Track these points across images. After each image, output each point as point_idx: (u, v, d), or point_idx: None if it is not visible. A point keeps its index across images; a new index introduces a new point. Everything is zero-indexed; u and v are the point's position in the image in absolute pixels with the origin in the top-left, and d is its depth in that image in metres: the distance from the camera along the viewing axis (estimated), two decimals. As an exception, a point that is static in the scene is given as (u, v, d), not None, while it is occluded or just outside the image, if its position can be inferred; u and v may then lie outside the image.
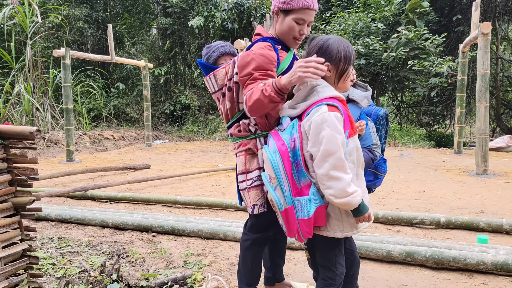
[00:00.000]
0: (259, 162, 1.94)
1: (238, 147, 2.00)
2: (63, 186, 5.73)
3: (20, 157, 2.00)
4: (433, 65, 9.61)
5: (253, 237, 2.08)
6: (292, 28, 1.86)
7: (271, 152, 1.70)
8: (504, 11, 11.52)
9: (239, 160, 2.00)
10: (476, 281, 2.51)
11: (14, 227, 1.99)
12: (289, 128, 1.72)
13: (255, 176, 1.94)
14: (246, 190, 1.96)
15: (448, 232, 3.46)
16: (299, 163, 1.70)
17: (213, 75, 2.04)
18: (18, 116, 10.90)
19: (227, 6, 12.75)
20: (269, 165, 1.70)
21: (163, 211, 4.40)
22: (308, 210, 1.67)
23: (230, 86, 1.96)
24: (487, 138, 6.16)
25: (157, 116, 15.10)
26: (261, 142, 1.95)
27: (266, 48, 1.85)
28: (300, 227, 1.70)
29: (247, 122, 1.96)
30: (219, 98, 2.05)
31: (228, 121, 2.05)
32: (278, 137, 1.73)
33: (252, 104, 1.74)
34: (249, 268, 2.12)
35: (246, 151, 1.96)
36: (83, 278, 2.56)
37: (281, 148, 1.68)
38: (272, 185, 1.71)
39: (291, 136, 1.70)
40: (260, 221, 2.05)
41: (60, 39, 13.78)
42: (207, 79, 2.07)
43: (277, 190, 1.70)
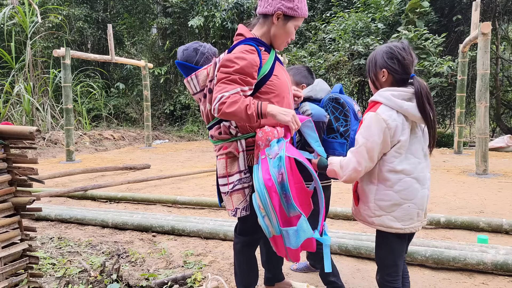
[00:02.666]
0: (240, 166, 1.91)
1: (219, 150, 1.97)
2: (63, 186, 5.73)
3: (20, 157, 2.00)
4: (433, 65, 9.61)
5: (243, 239, 2.08)
6: (290, 33, 1.91)
7: (259, 183, 1.70)
8: (504, 11, 11.52)
9: (219, 163, 1.96)
10: (476, 281, 2.51)
11: (14, 227, 1.99)
12: (277, 161, 1.71)
13: (236, 180, 1.90)
14: (228, 194, 1.93)
15: (448, 232, 3.46)
16: (288, 196, 1.69)
17: (194, 76, 1.99)
18: (18, 116, 10.90)
19: (227, 6, 12.75)
20: (257, 194, 1.70)
21: (163, 211, 4.40)
22: (295, 242, 1.69)
23: (210, 87, 1.93)
24: (487, 138, 6.16)
25: (157, 116, 15.11)
26: (241, 145, 1.90)
27: (249, 52, 1.81)
28: (288, 253, 1.75)
29: (227, 125, 1.92)
30: (201, 99, 2.02)
31: (209, 123, 2.01)
32: (266, 168, 1.72)
33: (230, 112, 1.73)
34: (245, 270, 2.12)
35: (226, 155, 1.92)
36: (83, 278, 2.56)
37: (268, 183, 1.68)
38: (261, 213, 1.72)
39: (279, 170, 1.69)
40: (246, 225, 2.05)
41: (60, 39, 13.78)
42: (188, 80, 2.02)
43: (266, 219, 1.72)
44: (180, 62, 2.08)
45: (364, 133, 1.76)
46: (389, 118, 1.74)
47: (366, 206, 1.84)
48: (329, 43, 11.56)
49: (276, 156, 1.72)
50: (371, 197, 1.82)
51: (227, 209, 1.98)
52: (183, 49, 2.11)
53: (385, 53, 1.82)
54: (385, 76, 1.83)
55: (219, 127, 1.95)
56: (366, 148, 1.75)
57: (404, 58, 1.79)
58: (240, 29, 1.96)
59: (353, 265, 2.78)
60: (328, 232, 3.24)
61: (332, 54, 10.95)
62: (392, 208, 1.79)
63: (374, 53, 1.90)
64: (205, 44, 2.12)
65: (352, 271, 2.69)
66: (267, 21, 1.91)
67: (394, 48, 1.81)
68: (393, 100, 1.76)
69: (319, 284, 2.49)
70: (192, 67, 2.03)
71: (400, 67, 1.80)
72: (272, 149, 1.75)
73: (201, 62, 2.06)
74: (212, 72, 1.94)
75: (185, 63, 2.06)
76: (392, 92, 1.79)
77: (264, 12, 1.89)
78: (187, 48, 2.09)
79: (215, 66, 1.92)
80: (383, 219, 1.80)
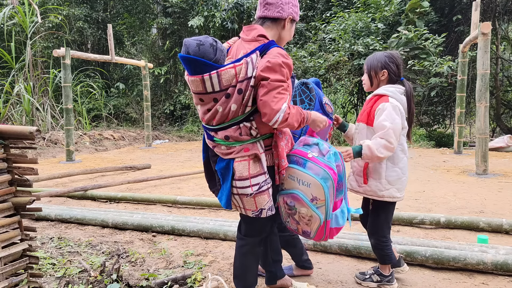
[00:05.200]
0: (263, 167, 1.90)
1: (238, 152, 1.88)
2: (63, 186, 5.73)
3: (20, 157, 2.00)
4: (433, 65, 9.61)
5: (252, 241, 2.07)
6: (292, 36, 2.12)
7: (319, 178, 1.93)
8: (504, 11, 11.51)
9: (240, 166, 1.87)
10: (476, 281, 2.51)
11: (14, 227, 1.99)
12: (333, 156, 2.00)
13: (262, 181, 1.88)
14: (252, 196, 1.88)
15: (448, 232, 3.46)
16: (342, 184, 2.03)
17: (216, 74, 1.80)
18: (18, 116, 10.90)
19: (227, 6, 12.75)
20: (319, 189, 1.92)
21: (163, 211, 4.40)
22: (342, 221, 2.05)
23: (241, 88, 1.80)
24: (487, 138, 6.16)
25: (157, 116, 15.10)
26: (262, 146, 1.91)
27: (288, 57, 1.87)
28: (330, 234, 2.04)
29: (249, 126, 1.87)
30: (217, 98, 1.84)
31: (222, 123, 1.87)
32: (323, 164, 1.96)
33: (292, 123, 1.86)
34: (249, 272, 2.11)
35: (249, 156, 1.87)
36: (83, 278, 2.56)
37: (334, 176, 1.95)
38: (315, 205, 1.96)
39: (336, 163, 2.00)
40: (255, 225, 2.05)
41: (60, 39, 13.78)
42: (205, 78, 1.80)
43: (321, 209, 1.96)
44: (194, 58, 1.82)
45: (388, 119, 2.17)
46: (401, 106, 2.23)
47: (378, 182, 2.27)
48: (329, 43, 11.56)
49: (329, 153, 2.01)
50: (383, 174, 2.26)
51: (247, 209, 1.93)
52: (198, 43, 1.85)
53: (387, 57, 2.29)
54: (385, 75, 2.31)
55: (238, 128, 1.86)
56: (393, 130, 2.15)
57: (400, 64, 2.31)
58: (261, 31, 1.97)
59: (353, 265, 2.78)
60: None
61: (332, 54, 10.95)
62: (397, 182, 2.27)
63: (375, 55, 2.34)
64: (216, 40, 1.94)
65: (352, 271, 2.69)
66: (277, 25, 2.01)
67: (395, 54, 2.32)
68: (397, 94, 2.25)
69: (319, 284, 2.49)
70: (210, 64, 1.82)
71: (397, 70, 2.30)
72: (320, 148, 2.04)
73: (220, 60, 1.88)
74: (245, 72, 1.79)
75: (202, 59, 1.82)
76: (396, 88, 2.27)
77: (276, 17, 1.99)
78: (202, 42, 1.85)
79: (247, 66, 1.80)
80: (390, 192, 2.27)
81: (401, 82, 2.33)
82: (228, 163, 1.91)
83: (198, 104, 1.94)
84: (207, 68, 1.82)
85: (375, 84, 2.35)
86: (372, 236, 2.40)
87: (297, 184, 1.99)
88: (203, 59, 1.82)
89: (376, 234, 2.37)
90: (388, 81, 2.31)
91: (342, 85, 11.17)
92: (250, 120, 1.88)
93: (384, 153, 2.16)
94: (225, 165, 1.92)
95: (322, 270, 2.70)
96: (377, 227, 2.37)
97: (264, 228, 2.08)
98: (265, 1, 1.99)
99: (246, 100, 1.83)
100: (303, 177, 1.96)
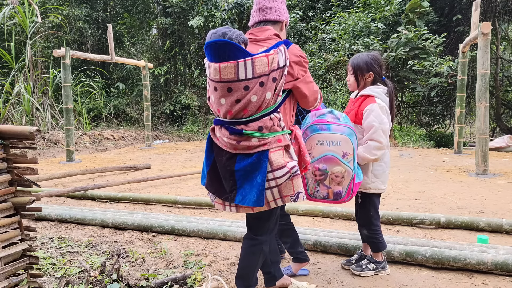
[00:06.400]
0: (293, 156, 2.00)
1: (273, 142, 1.88)
2: (63, 186, 5.73)
3: (20, 157, 2.00)
4: (433, 65, 9.61)
5: (263, 239, 2.09)
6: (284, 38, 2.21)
7: (346, 134, 2.22)
8: (504, 11, 11.51)
9: (276, 155, 1.88)
10: (476, 281, 2.51)
11: (14, 227, 2.00)
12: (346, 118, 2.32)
13: (295, 165, 1.92)
14: (290, 179, 1.89)
15: (448, 232, 3.46)
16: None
17: (251, 60, 1.79)
18: (18, 116, 10.90)
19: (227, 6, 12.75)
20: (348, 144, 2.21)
21: (163, 211, 4.40)
22: (361, 175, 2.35)
23: (275, 77, 1.85)
24: (487, 138, 6.16)
25: (157, 116, 15.10)
26: (289, 139, 2.01)
27: None
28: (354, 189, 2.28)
29: (278, 117, 1.94)
30: (249, 86, 1.81)
31: (254, 114, 1.86)
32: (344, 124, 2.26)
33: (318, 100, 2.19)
34: (254, 272, 2.11)
35: (283, 147, 1.94)
36: (83, 278, 2.56)
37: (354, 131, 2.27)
38: (347, 160, 2.21)
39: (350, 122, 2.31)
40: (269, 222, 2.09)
41: (60, 39, 13.78)
42: (241, 64, 1.78)
43: (351, 163, 2.22)
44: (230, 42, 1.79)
45: (376, 120, 2.33)
46: (386, 106, 2.39)
47: (365, 176, 2.44)
48: (329, 43, 11.56)
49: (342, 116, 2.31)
50: (370, 168, 2.45)
51: (285, 196, 1.90)
52: (213, 32, 1.91)
53: (372, 59, 2.45)
54: (371, 77, 2.47)
55: (270, 119, 1.89)
56: (382, 130, 2.32)
57: (382, 65, 2.48)
58: (274, 30, 2.11)
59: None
60: (328, 232, 3.24)
61: (332, 54, 10.95)
62: (382, 175, 2.47)
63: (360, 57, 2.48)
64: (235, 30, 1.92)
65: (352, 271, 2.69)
66: (276, 27, 2.15)
67: (378, 56, 2.48)
68: (382, 95, 2.41)
69: (319, 284, 2.49)
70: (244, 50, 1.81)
71: (380, 71, 2.47)
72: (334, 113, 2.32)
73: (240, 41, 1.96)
74: (277, 62, 1.85)
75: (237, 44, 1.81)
76: (380, 88, 2.43)
77: (275, 19, 2.13)
78: (216, 31, 1.90)
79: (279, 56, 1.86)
80: (376, 184, 2.47)
81: (383, 82, 2.50)
82: (259, 156, 1.85)
83: (223, 97, 1.86)
84: (241, 54, 1.80)
85: (361, 85, 2.50)
86: (364, 227, 2.57)
87: (327, 146, 2.23)
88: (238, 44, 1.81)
89: (368, 224, 2.54)
90: (373, 81, 2.48)
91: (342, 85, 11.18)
92: (278, 111, 1.96)
93: (377, 154, 2.34)
94: (255, 160, 1.86)
95: (322, 270, 2.70)
96: (368, 218, 2.54)
97: (275, 225, 2.16)
98: (265, 5, 2.12)
99: (278, 89, 1.91)
100: (332, 138, 2.22)
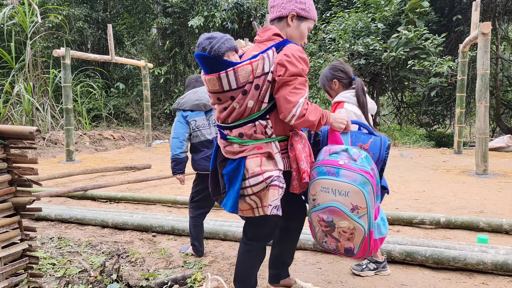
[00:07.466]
0: (278, 165, 1.85)
1: (251, 150, 1.83)
2: (63, 186, 5.73)
3: (20, 157, 2.00)
4: (433, 65, 9.61)
5: (258, 245, 2.05)
6: (304, 35, 1.97)
7: (357, 184, 1.80)
8: (504, 11, 11.52)
9: (252, 162, 1.82)
10: (476, 281, 2.51)
11: (14, 227, 1.99)
12: (365, 160, 1.88)
13: (275, 176, 1.81)
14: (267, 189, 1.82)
15: (448, 232, 3.46)
16: (378, 189, 1.90)
17: (233, 71, 1.77)
18: (18, 116, 10.90)
19: (227, 6, 12.75)
20: (360, 196, 1.80)
21: (163, 211, 4.40)
22: (384, 229, 1.92)
23: (258, 84, 1.78)
24: (487, 138, 6.16)
25: (157, 116, 15.10)
26: (277, 147, 1.86)
27: (304, 52, 1.84)
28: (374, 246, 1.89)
29: (264, 124, 1.84)
30: (234, 96, 1.81)
31: (237, 120, 1.85)
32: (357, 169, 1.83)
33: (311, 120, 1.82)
34: (252, 277, 2.09)
35: (262, 154, 1.83)
36: (83, 278, 2.56)
37: (372, 180, 1.82)
38: (357, 215, 1.82)
39: (371, 166, 1.87)
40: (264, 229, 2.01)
41: (60, 39, 13.78)
42: (222, 76, 1.78)
43: (363, 218, 1.82)
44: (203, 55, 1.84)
45: None
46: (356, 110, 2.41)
47: None
48: (329, 43, 11.56)
49: (360, 156, 1.88)
50: None
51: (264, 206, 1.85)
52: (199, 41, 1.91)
53: (331, 69, 2.55)
54: (337, 84, 2.54)
55: (253, 126, 1.83)
56: None
57: (345, 68, 2.53)
58: (276, 30, 1.93)
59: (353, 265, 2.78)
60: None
61: (332, 54, 10.94)
62: None
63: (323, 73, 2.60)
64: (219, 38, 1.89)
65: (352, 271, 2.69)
66: (282, 24, 1.94)
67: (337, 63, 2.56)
68: (352, 97, 2.45)
69: (319, 284, 2.49)
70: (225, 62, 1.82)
71: (345, 75, 2.52)
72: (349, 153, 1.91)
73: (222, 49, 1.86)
74: (261, 68, 1.78)
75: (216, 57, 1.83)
76: (350, 92, 2.48)
77: (278, 16, 1.94)
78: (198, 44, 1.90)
79: (264, 61, 1.79)
80: None
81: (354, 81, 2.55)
82: (239, 163, 1.85)
83: (215, 103, 1.90)
84: (223, 65, 1.80)
85: (334, 94, 2.57)
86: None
87: (332, 195, 1.85)
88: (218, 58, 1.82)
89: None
90: (343, 87, 2.53)
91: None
92: (266, 118, 1.85)
93: None
94: (235, 166, 1.86)
95: (322, 270, 2.70)
96: None
97: (271, 232, 2.06)
98: (271, 4, 1.99)
99: (262, 96, 1.81)
100: (339, 187, 1.83)
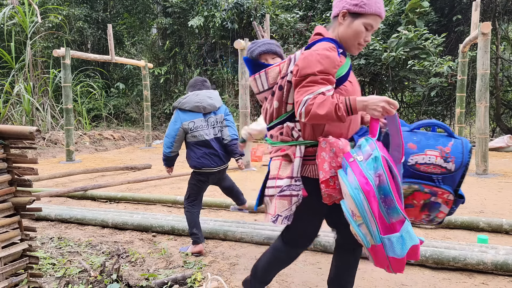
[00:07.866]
0: (293, 171, 1.78)
1: (276, 151, 1.87)
2: (63, 186, 5.73)
3: (20, 157, 2.00)
4: (433, 65, 9.61)
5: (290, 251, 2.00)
6: (359, 33, 1.76)
7: (353, 187, 1.54)
8: (504, 11, 11.51)
9: (273, 164, 1.87)
10: (476, 281, 2.51)
11: (14, 227, 1.99)
12: (372, 162, 1.56)
13: (285, 185, 1.78)
14: (275, 197, 1.81)
15: (448, 232, 3.46)
16: (390, 199, 1.54)
17: (264, 72, 1.90)
18: (18, 116, 10.90)
19: (227, 6, 12.74)
20: (351, 201, 1.55)
21: (163, 211, 4.40)
22: (400, 250, 1.52)
23: (281, 84, 1.82)
24: (487, 138, 6.16)
25: (157, 116, 15.10)
26: (300, 151, 1.79)
27: (332, 49, 1.71)
28: (391, 264, 1.56)
29: (291, 126, 1.81)
30: (267, 97, 1.91)
31: (271, 122, 1.89)
32: (359, 171, 1.56)
33: (320, 114, 1.60)
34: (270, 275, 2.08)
35: (283, 157, 1.82)
36: (83, 278, 2.56)
37: (365, 187, 1.52)
38: (355, 222, 1.57)
39: (376, 172, 1.55)
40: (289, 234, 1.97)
41: (60, 39, 13.78)
42: (256, 77, 1.93)
43: (362, 227, 1.56)
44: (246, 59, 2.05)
45: None
46: None
47: None
48: (329, 43, 11.54)
49: (370, 157, 1.57)
50: None
51: (267, 213, 1.86)
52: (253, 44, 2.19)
53: None
54: None
55: (281, 128, 1.84)
56: None
57: None
58: (318, 29, 1.86)
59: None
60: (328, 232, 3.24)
61: (332, 54, 10.93)
62: None
63: None
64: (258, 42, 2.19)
65: (352, 271, 2.68)
66: (335, 23, 1.83)
67: None
68: None
69: (318, 284, 2.49)
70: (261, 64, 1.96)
71: None
72: (362, 150, 1.61)
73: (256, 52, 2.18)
74: (286, 69, 1.83)
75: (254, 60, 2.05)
76: None
77: (333, 15, 1.85)
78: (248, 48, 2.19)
79: (289, 62, 1.82)
80: None
81: None
82: (269, 163, 1.94)
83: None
84: (259, 68, 1.94)
85: None
86: None
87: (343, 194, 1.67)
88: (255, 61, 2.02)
89: None
90: None
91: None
92: (294, 120, 1.82)
93: None
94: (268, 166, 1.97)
95: (322, 270, 2.69)
96: None
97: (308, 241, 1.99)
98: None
99: (285, 97, 1.81)
100: (342, 186, 1.62)
